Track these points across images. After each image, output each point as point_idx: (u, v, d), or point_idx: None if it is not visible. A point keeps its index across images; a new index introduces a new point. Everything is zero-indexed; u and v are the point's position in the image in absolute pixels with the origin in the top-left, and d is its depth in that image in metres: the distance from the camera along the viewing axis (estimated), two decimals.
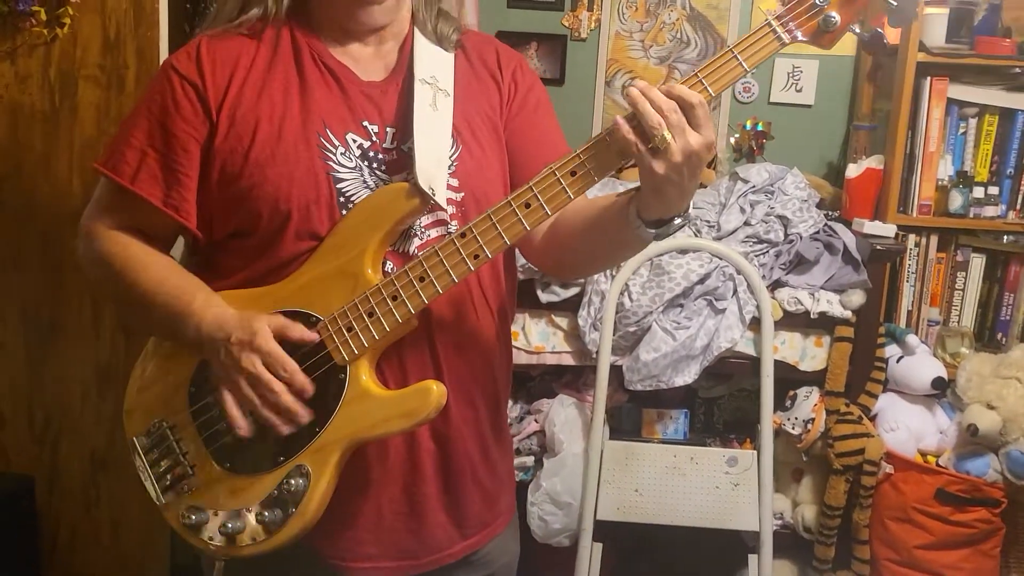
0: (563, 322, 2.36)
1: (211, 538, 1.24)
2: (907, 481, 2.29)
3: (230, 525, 1.22)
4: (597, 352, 2.28)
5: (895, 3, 1.12)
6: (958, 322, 2.60)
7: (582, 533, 2.27)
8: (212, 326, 1.20)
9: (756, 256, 2.37)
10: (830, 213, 2.55)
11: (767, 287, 2.31)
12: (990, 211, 2.52)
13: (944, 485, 2.25)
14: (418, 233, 1.26)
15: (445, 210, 1.25)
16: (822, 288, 2.31)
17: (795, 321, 2.32)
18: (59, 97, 2.31)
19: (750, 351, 2.32)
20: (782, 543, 2.39)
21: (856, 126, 2.67)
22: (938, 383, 2.34)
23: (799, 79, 2.72)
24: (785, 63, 2.70)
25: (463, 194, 1.28)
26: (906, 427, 2.36)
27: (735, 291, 2.30)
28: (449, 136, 1.27)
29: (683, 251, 2.30)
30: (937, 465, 2.33)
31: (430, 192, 1.19)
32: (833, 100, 2.77)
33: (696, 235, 2.40)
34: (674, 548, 2.49)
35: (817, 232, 2.38)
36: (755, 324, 2.30)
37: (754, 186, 2.46)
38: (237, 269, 1.27)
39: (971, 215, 2.52)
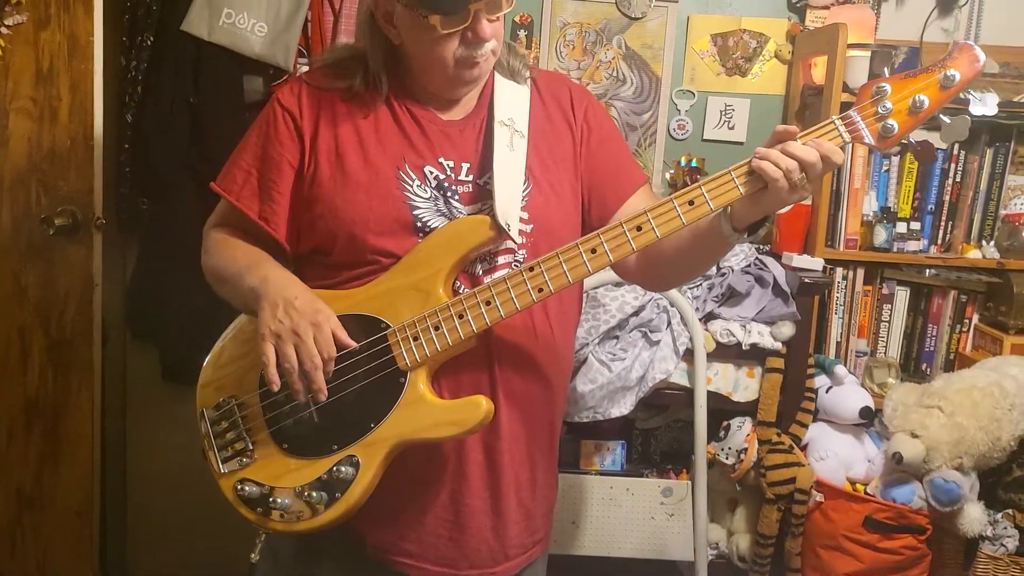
0: None
1: (261, 511, 1.35)
2: (836, 509, 2.33)
3: (280, 501, 1.33)
4: None
5: (949, 121, 1.29)
6: (885, 353, 2.67)
7: None
8: (279, 281, 1.33)
9: (689, 289, 2.42)
10: (761, 247, 2.61)
11: (700, 319, 2.36)
12: (912, 245, 2.60)
13: (872, 513, 2.29)
14: (486, 258, 1.39)
15: (516, 242, 1.38)
16: (753, 320, 2.37)
17: (727, 352, 2.37)
18: None
19: (684, 382, 2.36)
20: (717, 572, 2.42)
21: None
22: (865, 412, 2.39)
23: (731, 117, 2.79)
24: (717, 101, 2.77)
25: (532, 226, 1.40)
26: (835, 456, 2.41)
27: (669, 323, 2.34)
28: (523, 175, 1.40)
29: (618, 284, 2.34)
30: (865, 493, 2.37)
31: (506, 227, 1.33)
32: (764, 137, 2.63)
33: None
34: None
35: (748, 265, 2.44)
36: (689, 356, 2.34)
37: None
38: (318, 279, 1.39)
39: (895, 249, 2.60)
